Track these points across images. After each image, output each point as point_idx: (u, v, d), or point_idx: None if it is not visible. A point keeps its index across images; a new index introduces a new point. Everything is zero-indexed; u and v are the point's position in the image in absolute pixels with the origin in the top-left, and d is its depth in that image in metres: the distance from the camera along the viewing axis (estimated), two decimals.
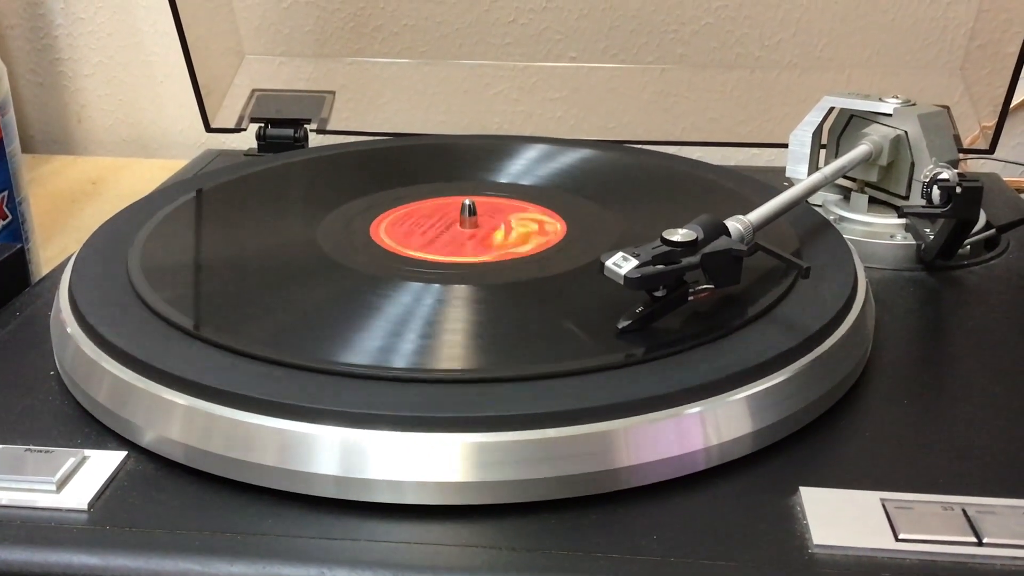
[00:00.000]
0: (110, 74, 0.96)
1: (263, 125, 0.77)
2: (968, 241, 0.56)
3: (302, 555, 0.33)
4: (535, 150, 0.66)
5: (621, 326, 0.41)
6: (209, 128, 0.78)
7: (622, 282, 0.40)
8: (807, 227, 0.53)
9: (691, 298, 0.42)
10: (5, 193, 0.59)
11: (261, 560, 0.33)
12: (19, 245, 0.54)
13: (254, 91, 0.80)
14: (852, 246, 0.51)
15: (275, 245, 0.52)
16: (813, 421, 0.40)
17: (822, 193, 0.61)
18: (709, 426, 0.37)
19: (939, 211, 0.53)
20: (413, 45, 0.82)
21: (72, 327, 0.43)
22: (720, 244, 0.42)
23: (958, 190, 0.52)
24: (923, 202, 0.55)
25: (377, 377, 0.38)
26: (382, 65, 0.82)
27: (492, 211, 0.55)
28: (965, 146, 0.73)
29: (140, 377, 0.39)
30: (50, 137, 0.99)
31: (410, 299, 0.45)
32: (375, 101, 0.83)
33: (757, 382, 0.39)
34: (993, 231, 0.58)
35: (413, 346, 0.41)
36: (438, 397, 0.37)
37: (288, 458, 0.36)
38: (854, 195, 0.61)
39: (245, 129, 0.78)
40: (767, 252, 0.43)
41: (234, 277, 0.49)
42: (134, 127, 0.98)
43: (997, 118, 0.70)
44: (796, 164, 0.61)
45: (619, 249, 0.42)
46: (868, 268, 0.52)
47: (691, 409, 0.37)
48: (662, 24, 0.81)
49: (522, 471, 0.35)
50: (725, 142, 0.79)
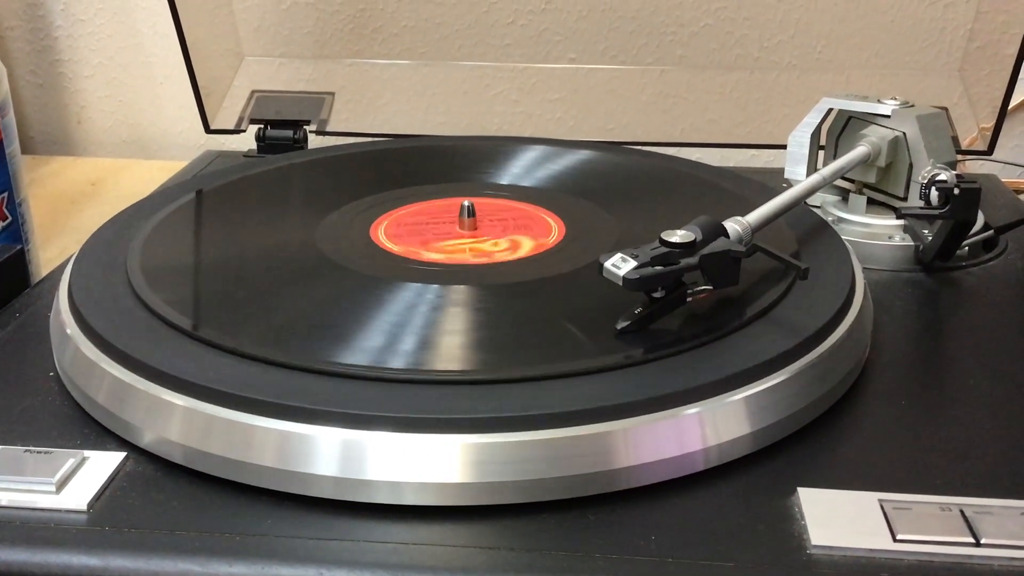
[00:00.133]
0: (110, 75, 0.96)
1: (262, 126, 0.77)
2: (966, 242, 0.56)
3: (301, 556, 0.33)
4: (534, 151, 0.66)
5: (620, 327, 0.41)
6: (208, 129, 0.78)
7: (621, 283, 0.40)
8: (805, 228, 0.53)
9: (690, 299, 0.43)
10: (5, 194, 0.59)
11: (260, 561, 0.33)
12: (19, 246, 0.54)
13: (253, 92, 0.81)
14: (850, 247, 0.51)
15: (274, 246, 0.52)
16: (811, 422, 0.40)
17: (820, 194, 0.61)
18: (708, 427, 0.37)
19: (937, 212, 0.53)
20: (412, 46, 0.82)
21: (72, 328, 0.43)
22: (719, 245, 0.42)
23: (956, 191, 0.52)
24: (921, 203, 0.55)
25: (376, 378, 0.38)
26: (381, 66, 0.82)
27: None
28: (963, 147, 0.73)
29: (139, 378, 0.39)
30: (50, 138, 0.99)
31: (409, 300, 0.45)
32: (374, 102, 0.83)
33: (756, 383, 0.39)
34: (991, 232, 0.58)
35: (412, 347, 0.41)
36: (437, 398, 0.37)
37: (287, 459, 0.36)
38: (852, 196, 0.61)
39: (244, 130, 0.78)
40: (766, 253, 0.43)
41: (233, 278, 0.49)
42: (134, 128, 0.98)
43: (995, 119, 0.70)
44: (794, 165, 0.61)
45: (618, 250, 0.42)
46: (866, 269, 0.52)
47: (690, 410, 0.37)
48: (661, 25, 0.81)
49: (521, 472, 0.35)
50: (724, 143, 0.79)
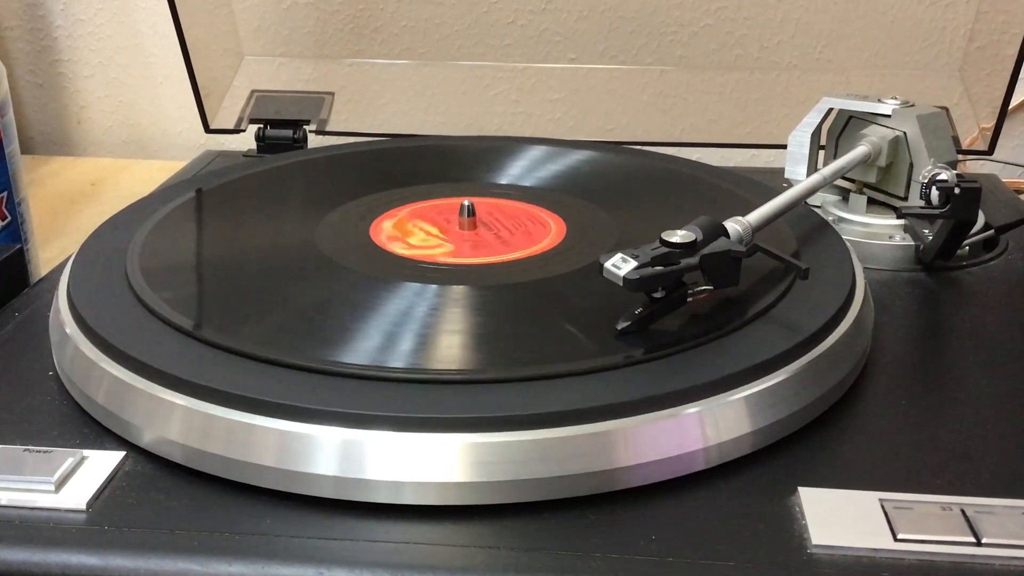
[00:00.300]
0: (109, 75, 0.96)
1: (262, 126, 0.77)
2: (967, 242, 0.56)
3: (301, 555, 0.33)
4: (534, 151, 0.66)
5: (620, 327, 0.41)
6: (208, 129, 0.78)
7: (621, 283, 0.40)
8: (806, 228, 0.53)
9: (690, 299, 0.42)
10: (4, 194, 0.59)
11: (260, 560, 0.33)
12: (18, 246, 0.54)
13: (253, 92, 0.81)
14: (851, 247, 0.51)
15: (274, 246, 0.52)
16: (812, 421, 0.40)
17: (821, 194, 0.61)
18: (708, 426, 0.37)
19: (938, 212, 0.53)
20: (412, 46, 0.82)
21: (71, 328, 0.43)
22: (719, 245, 0.42)
23: (957, 191, 0.52)
24: (922, 203, 0.55)
25: (376, 377, 0.38)
26: (381, 66, 0.82)
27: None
28: (964, 147, 0.73)
29: (139, 377, 0.39)
30: (49, 138, 0.99)
31: (409, 300, 0.45)
32: (374, 102, 0.83)
33: (756, 382, 0.39)
34: (992, 232, 0.58)
35: (412, 347, 0.41)
36: (437, 398, 0.37)
37: (287, 458, 0.36)
38: (853, 196, 0.61)
39: (244, 130, 0.78)
40: (766, 253, 0.43)
41: (233, 277, 0.49)
42: (133, 128, 0.98)
43: (996, 119, 0.70)
44: (795, 165, 0.61)
45: (618, 250, 0.42)
46: (867, 269, 0.52)
47: (690, 409, 0.37)
48: (661, 25, 0.81)
49: (521, 471, 0.35)
50: (724, 143, 0.79)
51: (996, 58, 0.73)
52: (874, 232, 0.58)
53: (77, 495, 0.35)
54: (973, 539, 0.33)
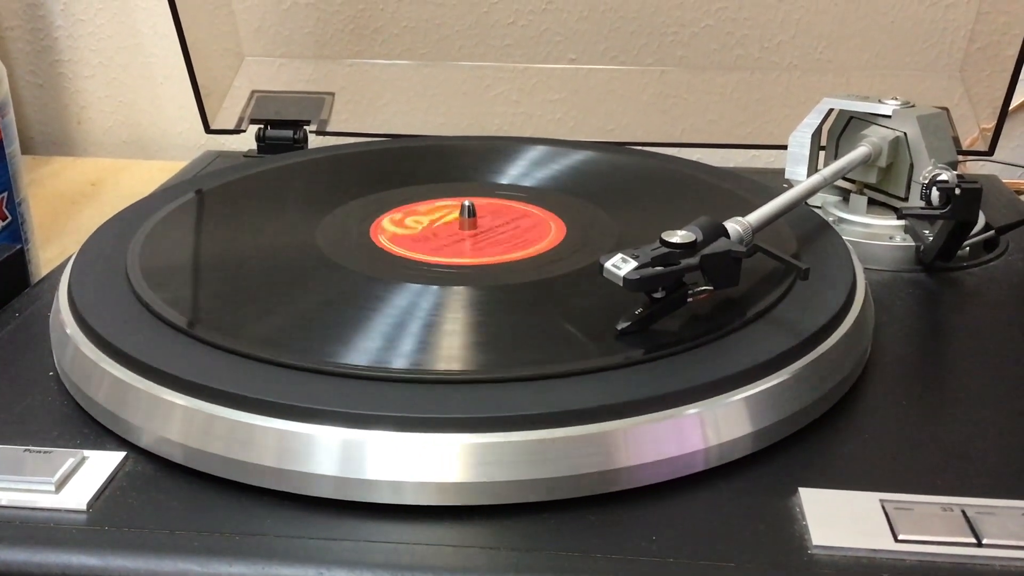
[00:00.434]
0: (110, 76, 0.96)
1: (263, 126, 0.77)
2: (967, 243, 0.56)
3: (301, 556, 0.33)
4: (535, 151, 0.66)
5: (620, 327, 0.41)
6: (208, 129, 0.78)
7: (621, 283, 0.40)
8: (806, 229, 0.53)
9: (690, 299, 0.42)
10: (5, 194, 0.59)
11: (260, 561, 0.33)
12: (19, 246, 0.54)
13: (254, 92, 0.81)
14: (851, 247, 0.51)
15: (274, 246, 0.52)
16: (812, 422, 0.40)
17: (821, 195, 0.61)
18: (708, 427, 0.37)
19: (938, 212, 0.53)
20: (413, 47, 0.82)
21: (71, 328, 0.43)
22: (719, 246, 0.42)
23: (957, 192, 0.52)
24: (922, 203, 0.55)
25: (376, 378, 0.38)
26: (382, 67, 0.82)
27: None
28: (964, 148, 0.73)
29: (139, 378, 0.39)
30: (50, 138, 0.99)
31: (409, 300, 0.45)
32: (375, 103, 0.83)
33: (756, 383, 0.39)
34: (992, 232, 0.58)
35: (412, 347, 0.41)
36: (437, 398, 0.37)
37: (287, 459, 0.36)
38: (853, 196, 0.61)
39: (245, 130, 0.78)
40: (766, 253, 0.43)
41: (233, 278, 0.49)
42: (134, 128, 0.98)
43: (996, 120, 0.70)
44: (795, 166, 0.61)
45: (618, 251, 0.42)
46: (867, 269, 0.52)
47: (690, 410, 0.37)
48: (662, 26, 0.81)
49: (521, 472, 0.35)
50: (724, 144, 0.79)
51: (996, 59, 0.73)
52: (874, 233, 0.58)
53: (77, 495, 0.35)
54: (974, 540, 0.33)
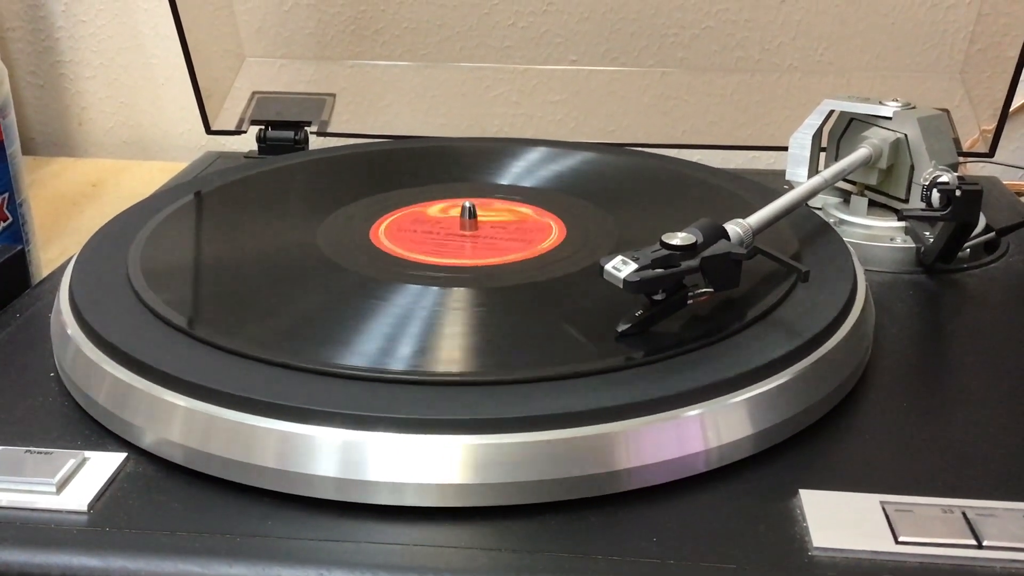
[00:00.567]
0: (111, 76, 0.96)
1: (263, 127, 0.77)
2: (968, 244, 0.56)
3: (302, 557, 0.33)
4: (535, 153, 0.66)
5: (621, 329, 0.41)
6: (209, 130, 0.78)
7: (621, 286, 0.40)
8: (807, 230, 0.53)
9: (690, 301, 0.43)
10: (6, 195, 0.59)
11: (261, 562, 0.33)
12: (20, 247, 0.54)
13: (254, 93, 0.81)
14: (852, 249, 0.51)
15: (275, 247, 0.52)
16: (813, 424, 0.40)
17: (822, 196, 0.61)
18: (709, 429, 0.37)
19: (939, 214, 0.53)
20: (413, 48, 0.82)
21: (72, 328, 0.43)
22: (719, 247, 0.42)
23: (958, 193, 0.52)
24: (923, 205, 0.55)
25: (377, 379, 0.38)
26: (382, 68, 0.82)
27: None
28: (965, 149, 0.73)
29: (140, 378, 0.39)
30: (51, 139, 0.99)
31: (410, 301, 0.45)
32: (375, 104, 0.83)
33: (757, 385, 0.39)
34: (993, 234, 0.58)
35: (413, 348, 0.41)
36: (438, 399, 0.37)
37: (288, 460, 0.36)
38: (854, 198, 0.61)
39: (245, 131, 0.78)
40: (766, 255, 0.43)
41: (234, 279, 0.49)
42: (134, 129, 0.98)
43: (997, 121, 0.70)
44: (796, 167, 0.61)
45: (619, 252, 0.42)
46: (868, 271, 0.52)
47: (691, 412, 0.37)
48: (662, 27, 0.81)
49: (522, 473, 0.35)
50: (725, 145, 0.79)
51: (997, 60, 0.73)
52: (875, 234, 0.58)
53: (78, 496, 0.36)
54: (974, 541, 0.33)
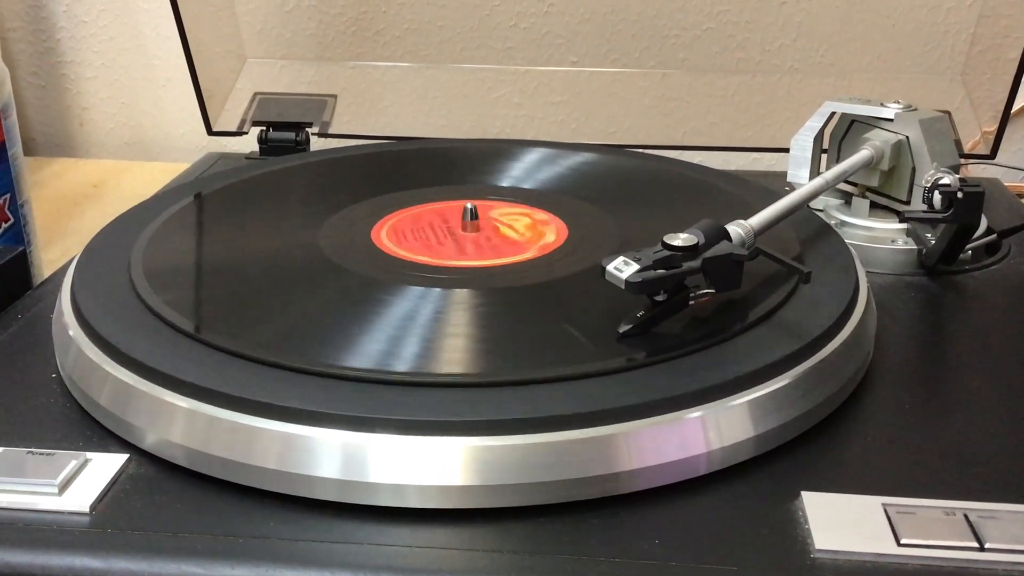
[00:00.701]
0: (112, 77, 0.96)
1: (265, 128, 0.77)
2: (969, 246, 0.56)
3: (304, 558, 0.33)
4: (536, 154, 0.66)
5: (622, 330, 0.41)
6: (211, 131, 0.78)
7: (623, 286, 0.40)
8: (808, 232, 0.53)
9: (692, 302, 0.43)
10: (7, 196, 0.59)
11: (263, 563, 0.33)
12: (21, 248, 0.54)
13: (256, 94, 0.81)
14: (853, 251, 0.51)
15: (277, 248, 0.52)
16: (815, 426, 0.40)
17: (823, 198, 0.61)
18: (711, 430, 0.37)
19: (940, 216, 0.53)
20: (414, 49, 0.82)
21: (74, 330, 0.43)
22: (721, 248, 0.42)
23: (959, 195, 0.52)
24: (924, 207, 0.55)
25: (379, 381, 0.38)
26: (384, 69, 0.82)
27: (493, 215, 0.55)
28: (966, 151, 0.73)
29: (142, 380, 0.39)
30: (52, 140, 0.99)
31: (411, 303, 0.45)
32: (376, 105, 0.83)
33: (758, 387, 0.39)
34: (994, 236, 0.58)
35: (415, 350, 0.41)
36: (440, 401, 0.37)
37: (290, 461, 0.36)
38: (855, 200, 0.61)
39: (247, 132, 0.78)
40: (768, 257, 0.43)
41: (236, 280, 0.49)
42: (136, 130, 0.98)
43: (998, 123, 0.70)
44: (797, 169, 0.61)
45: (620, 253, 0.42)
46: (869, 273, 0.52)
47: (692, 413, 0.37)
48: (663, 29, 0.81)
49: (524, 475, 0.35)
50: (726, 146, 0.79)
51: (998, 62, 0.73)
52: (877, 236, 0.58)
53: (80, 498, 0.36)
54: (976, 544, 0.33)
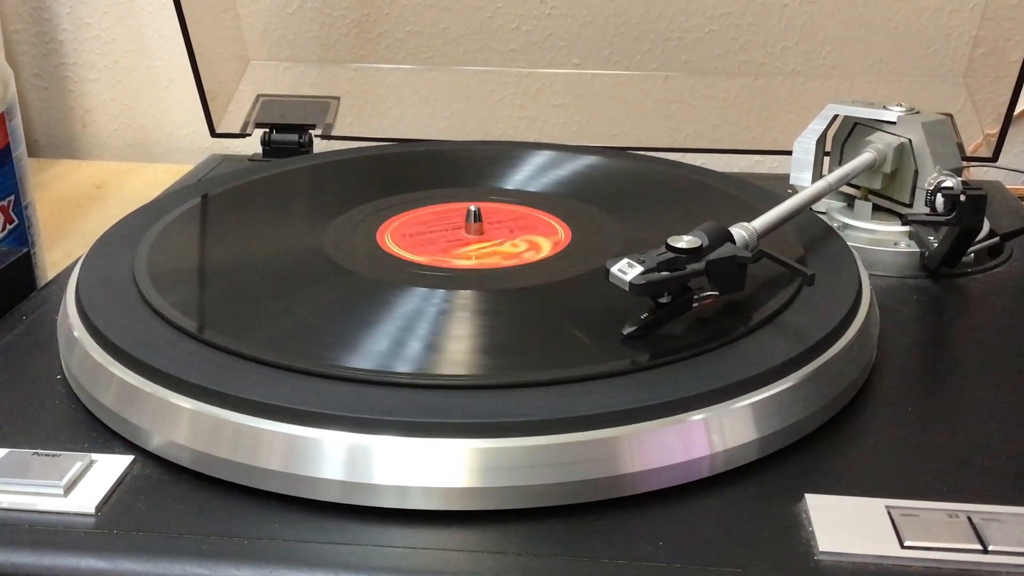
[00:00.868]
0: (115, 79, 0.96)
1: (268, 130, 0.77)
2: (972, 249, 0.56)
3: (308, 560, 0.33)
4: (539, 156, 0.66)
5: (626, 332, 0.41)
6: (214, 133, 0.78)
7: (627, 288, 0.41)
8: (811, 234, 0.53)
9: (695, 305, 0.43)
10: (12, 197, 0.59)
11: (267, 564, 0.33)
12: (25, 249, 0.54)
13: (259, 96, 0.81)
14: (856, 253, 0.51)
15: (281, 250, 0.52)
16: (818, 428, 0.40)
17: (826, 200, 0.61)
18: (714, 433, 0.37)
19: (943, 219, 0.53)
20: (417, 51, 0.82)
21: (79, 331, 0.43)
22: (725, 251, 0.43)
23: (962, 198, 0.52)
24: (927, 210, 0.55)
25: (383, 382, 0.38)
26: (386, 71, 0.83)
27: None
28: (968, 154, 0.73)
29: (147, 381, 0.39)
30: (55, 141, 0.99)
31: (415, 305, 0.45)
32: (379, 107, 0.83)
33: (762, 389, 0.39)
34: (997, 239, 0.59)
35: (418, 351, 0.41)
36: (444, 403, 0.37)
37: (294, 463, 0.36)
38: (858, 202, 0.61)
39: (250, 134, 0.78)
40: (771, 259, 0.43)
41: (240, 282, 0.49)
42: (139, 132, 0.98)
43: (1000, 126, 0.70)
44: (800, 171, 0.61)
45: (624, 255, 0.42)
46: (872, 275, 0.52)
47: (696, 416, 0.37)
48: (666, 31, 0.81)
49: (528, 477, 0.35)
50: (729, 149, 0.79)
51: (1000, 65, 0.73)
52: (879, 238, 0.58)
53: (86, 499, 0.36)
54: (979, 546, 0.33)
